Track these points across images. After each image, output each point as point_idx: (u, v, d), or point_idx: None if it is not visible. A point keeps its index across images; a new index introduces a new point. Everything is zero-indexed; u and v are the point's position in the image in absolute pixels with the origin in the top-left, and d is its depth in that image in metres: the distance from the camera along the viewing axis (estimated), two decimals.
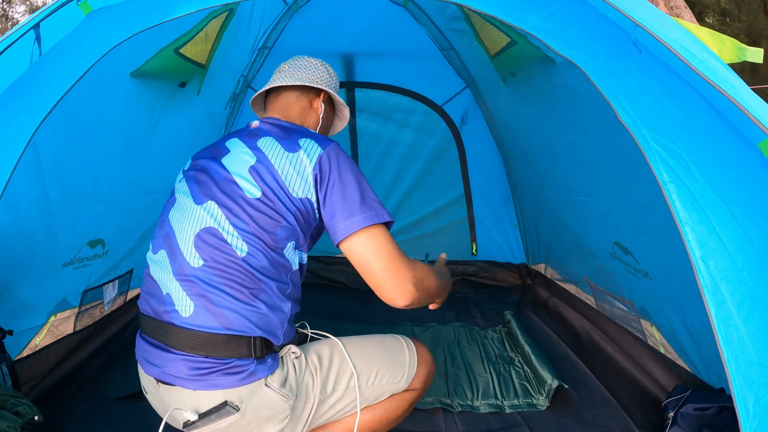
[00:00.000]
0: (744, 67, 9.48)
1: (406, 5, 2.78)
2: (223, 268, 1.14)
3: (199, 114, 2.43)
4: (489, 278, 3.17)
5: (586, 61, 1.25)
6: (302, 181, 1.20)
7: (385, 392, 1.33)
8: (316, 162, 1.21)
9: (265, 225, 1.17)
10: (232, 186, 1.21)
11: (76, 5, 1.15)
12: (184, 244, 1.18)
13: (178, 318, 1.14)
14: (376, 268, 1.16)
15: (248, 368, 1.13)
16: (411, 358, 1.37)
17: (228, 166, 1.24)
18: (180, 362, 1.13)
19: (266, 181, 1.19)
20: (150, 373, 1.18)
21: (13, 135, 1.28)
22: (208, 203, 1.20)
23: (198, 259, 1.16)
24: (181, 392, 1.14)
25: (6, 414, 1.14)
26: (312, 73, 1.48)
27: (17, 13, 16.25)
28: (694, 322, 1.62)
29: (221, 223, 1.17)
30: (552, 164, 2.31)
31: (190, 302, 1.14)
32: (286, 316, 1.20)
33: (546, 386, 1.79)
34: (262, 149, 1.25)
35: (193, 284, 1.15)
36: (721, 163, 1.08)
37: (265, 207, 1.17)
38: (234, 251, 1.15)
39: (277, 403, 1.16)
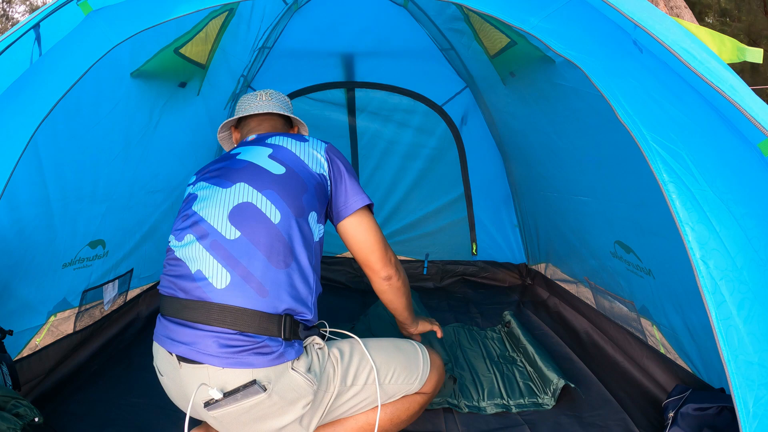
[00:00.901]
0: (744, 67, 9.48)
1: (406, 5, 2.78)
2: (260, 237, 1.21)
3: (199, 114, 2.43)
4: (489, 278, 3.17)
5: (586, 61, 1.25)
6: (317, 161, 1.37)
7: (399, 392, 1.38)
8: (325, 150, 1.40)
9: (292, 192, 1.28)
10: (257, 169, 1.31)
11: (76, 5, 1.15)
12: (217, 221, 1.24)
13: (212, 291, 1.17)
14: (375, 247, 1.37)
15: (278, 349, 1.16)
16: (424, 362, 1.43)
17: (247, 158, 1.36)
18: (210, 338, 1.14)
19: (287, 161, 1.33)
20: (174, 351, 1.18)
21: (14, 135, 1.28)
22: (237, 185, 1.29)
23: (235, 231, 1.22)
24: (207, 370, 1.14)
25: (6, 416, 1.14)
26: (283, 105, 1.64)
27: (17, 13, 16.25)
28: (694, 322, 1.62)
29: (253, 197, 1.26)
30: (552, 164, 2.31)
31: (225, 273, 1.18)
32: (313, 289, 1.27)
33: (552, 386, 1.79)
34: (275, 143, 1.40)
35: (229, 255, 1.19)
36: (721, 163, 1.08)
37: (290, 179, 1.30)
38: (269, 219, 1.23)
39: (303, 387, 1.20)
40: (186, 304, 1.19)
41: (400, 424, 1.41)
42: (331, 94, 3.08)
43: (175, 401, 1.31)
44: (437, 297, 2.91)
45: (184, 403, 1.25)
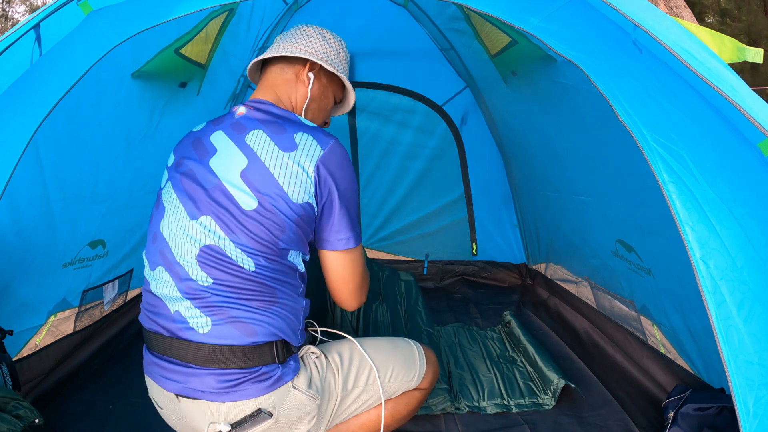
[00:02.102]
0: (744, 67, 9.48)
1: (406, 5, 2.78)
2: (235, 284, 1.11)
3: (200, 114, 2.42)
4: (489, 278, 3.17)
5: (586, 61, 1.25)
6: (300, 184, 1.12)
7: (399, 389, 1.38)
8: (316, 165, 1.14)
9: (267, 238, 1.11)
10: (224, 197, 1.12)
11: (77, 5, 1.15)
12: (186, 262, 1.13)
13: (195, 335, 1.11)
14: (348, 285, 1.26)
15: (275, 373, 1.13)
16: (420, 358, 1.43)
17: (217, 172, 1.15)
18: (207, 377, 1.10)
19: (261, 190, 1.11)
20: (170, 390, 1.14)
21: (14, 135, 1.28)
22: (204, 218, 1.13)
23: (206, 277, 1.11)
24: (209, 405, 1.11)
25: (7, 417, 1.14)
26: (299, 42, 1.31)
27: (17, 13, 16.25)
28: (694, 322, 1.62)
29: (222, 240, 1.11)
30: (553, 163, 2.31)
31: (206, 319, 1.11)
32: (301, 315, 1.22)
33: (552, 386, 1.79)
34: (252, 147, 1.14)
35: (206, 301, 1.11)
36: (721, 163, 1.08)
37: (264, 219, 1.11)
38: (242, 267, 1.11)
39: (306, 404, 1.18)
40: (172, 343, 1.13)
41: (400, 420, 1.42)
42: None
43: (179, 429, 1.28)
44: (437, 297, 2.91)
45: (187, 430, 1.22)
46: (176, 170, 1.24)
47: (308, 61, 1.31)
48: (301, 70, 1.31)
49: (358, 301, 1.30)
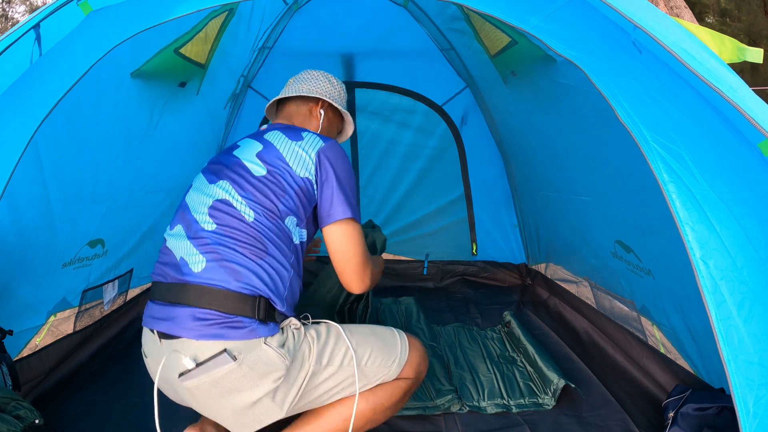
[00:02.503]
0: (744, 67, 9.48)
1: (406, 5, 2.78)
2: (233, 230, 1.27)
3: (199, 114, 2.43)
4: (489, 278, 3.17)
5: (586, 61, 1.25)
6: (304, 163, 1.35)
7: (377, 375, 1.37)
8: (317, 151, 1.37)
9: (270, 196, 1.30)
10: (241, 168, 1.36)
11: (76, 5, 1.15)
12: (198, 213, 1.32)
13: (189, 273, 1.24)
14: (351, 258, 1.38)
15: (250, 326, 1.20)
16: (402, 346, 1.43)
17: (238, 155, 1.40)
18: (187, 315, 1.20)
19: (271, 162, 1.35)
20: (156, 328, 1.24)
21: (14, 135, 1.28)
22: (221, 182, 1.35)
23: (211, 223, 1.29)
24: (182, 343, 1.19)
25: (7, 417, 1.14)
26: (311, 84, 1.61)
27: (17, 13, 16.25)
28: (694, 322, 1.63)
29: (232, 195, 1.31)
30: (553, 163, 2.32)
31: (201, 258, 1.25)
32: (287, 282, 1.30)
33: (552, 386, 1.79)
34: (269, 139, 1.41)
35: (205, 243, 1.26)
36: (721, 162, 1.08)
37: (270, 183, 1.32)
38: (243, 216, 1.28)
39: (274, 361, 1.21)
40: (169, 287, 1.27)
41: (384, 412, 1.40)
42: None
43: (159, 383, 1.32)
44: (437, 297, 2.91)
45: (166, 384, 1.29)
46: (208, 164, 1.48)
47: (320, 100, 1.60)
48: (314, 107, 1.60)
49: (363, 282, 1.41)
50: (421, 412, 1.72)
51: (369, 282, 1.42)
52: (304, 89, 1.59)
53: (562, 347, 2.24)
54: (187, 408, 1.71)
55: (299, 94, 1.57)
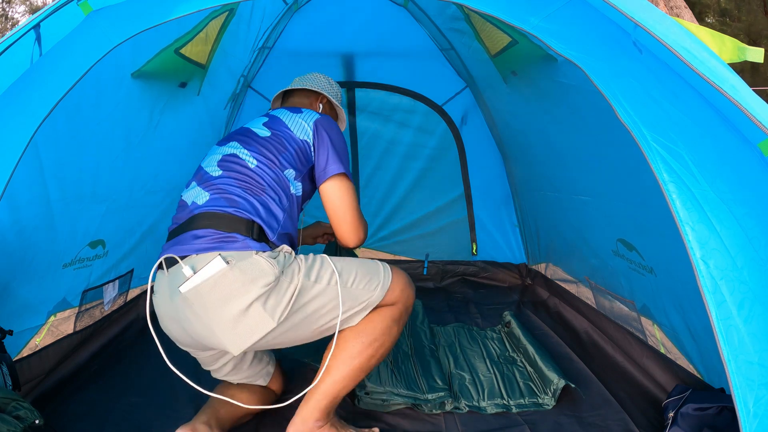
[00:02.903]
0: (744, 67, 9.49)
1: (406, 5, 2.78)
2: (236, 174, 1.47)
3: (200, 114, 2.43)
4: (489, 278, 3.17)
5: (586, 61, 1.25)
6: (303, 129, 1.59)
7: (362, 296, 1.44)
8: (314, 122, 1.62)
9: (272, 150, 1.52)
10: (248, 132, 1.61)
11: (77, 5, 1.15)
12: (208, 167, 1.53)
13: (195, 207, 1.43)
14: (341, 213, 1.55)
15: (244, 242, 1.34)
16: (385, 272, 1.51)
17: (246, 125, 1.66)
18: (189, 236, 1.36)
19: (274, 127, 1.60)
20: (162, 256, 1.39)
21: (14, 135, 1.27)
22: (231, 142, 1.58)
23: (218, 171, 1.50)
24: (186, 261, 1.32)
25: (7, 418, 1.14)
26: (313, 82, 1.90)
27: (17, 13, 16.25)
28: (694, 322, 1.63)
29: (239, 149, 1.53)
30: (553, 163, 2.32)
31: (206, 194, 1.44)
32: (281, 221, 1.45)
33: (552, 386, 1.79)
34: (273, 113, 1.67)
35: (210, 183, 1.47)
36: (721, 162, 1.08)
37: (273, 140, 1.55)
38: (246, 164, 1.49)
39: (263, 267, 1.30)
40: (179, 227, 1.43)
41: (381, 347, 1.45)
42: None
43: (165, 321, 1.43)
44: (437, 297, 2.91)
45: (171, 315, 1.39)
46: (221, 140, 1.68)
47: (320, 94, 1.89)
48: (315, 100, 1.89)
49: (357, 235, 1.58)
50: (412, 401, 1.73)
51: (363, 236, 1.60)
52: (308, 85, 1.88)
53: (562, 347, 2.24)
54: (186, 408, 1.72)
55: (304, 87, 1.87)
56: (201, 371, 1.92)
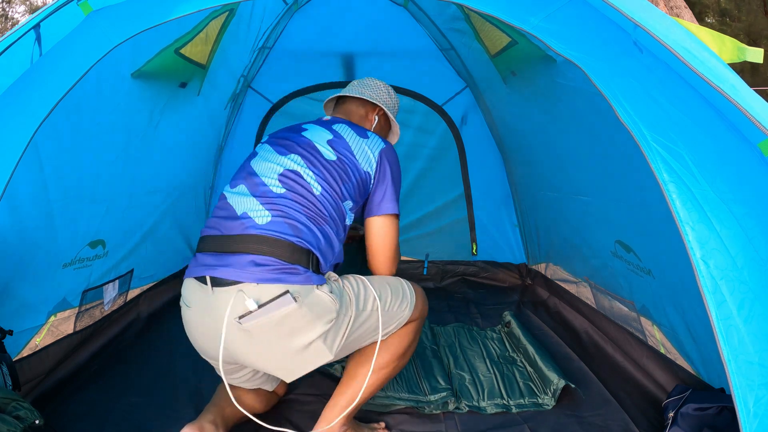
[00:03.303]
0: (744, 67, 9.48)
1: (406, 5, 2.78)
2: (300, 197, 1.40)
3: (200, 114, 2.43)
4: (489, 278, 3.17)
5: (586, 61, 1.25)
6: (367, 159, 1.54)
7: (395, 318, 1.52)
8: (379, 152, 1.57)
9: (336, 179, 1.46)
10: (313, 149, 1.51)
11: (77, 5, 1.15)
12: (268, 178, 1.44)
13: (253, 225, 1.33)
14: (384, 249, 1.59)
15: (305, 274, 1.30)
16: (409, 290, 1.60)
17: (309, 137, 1.55)
18: (248, 262, 1.28)
19: (340, 151, 1.51)
20: (209, 273, 1.29)
21: (14, 135, 1.27)
22: (292, 155, 1.49)
23: (281, 188, 1.41)
24: (243, 288, 1.25)
25: (7, 418, 1.14)
26: (373, 91, 1.81)
27: (17, 13, 16.25)
28: (694, 322, 1.62)
29: (303, 168, 1.45)
30: (553, 163, 2.32)
31: (267, 213, 1.36)
32: (335, 251, 1.44)
33: (552, 386, 1.79)
34: (338, 131, 1.58)
35: (274, 203, 1.38)
36: (721, 162, 1.08)
37: (338, 167, 1.48)
38: (311, 189, 1.42)
39: (327, 303, 1.31)
40: (226, 239, 1.34)
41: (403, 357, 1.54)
42: (332, 94, 3.05)
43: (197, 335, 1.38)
44: (437, 297, 2.91)
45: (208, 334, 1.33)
46: (271, 137, 1.61)
47: (378, 106, 1.81)
48: (371, 112, 1.81)
49: (390, 270, 1.62)
50: (414, 405, 1.73)
51: (395, 269, 1.63)
52: (367, 94, 1.79)
53: (562, 347, 2.24)
54: (186, 408, 1.72)
55: (363, 97, 1.77)
56: (201, 371, 1.93)
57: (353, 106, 1.80)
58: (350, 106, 1.80)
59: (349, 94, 1.79)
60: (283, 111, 3.08)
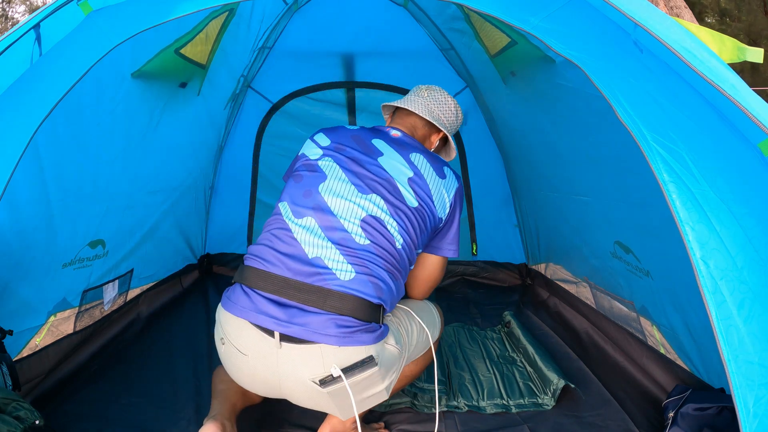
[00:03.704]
0: (744, 67, 9.48)
1: (406, 5, 2.78)
2: (383, 251, 1.34)
3: (200, 114, 2.43)
4: (489, 278, 3.17)
5: (586, 61, 1.25)
6: (442, 204, 1.50)
7: (431, 341, 1.57)
8: (454, 194, 1.53)
9: (416, 230, 1.42)
10: (395, 190, 1.42)
11: (76, 5, 1.15)
12: (348, 223, 1.34)
13: (334, 281, 1.26)
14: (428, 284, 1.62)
15: (378, 329, 1.28)
16: (437, 313, 1.67)
17: (388, 170, 1.45)
18: (328, 321, 1.22)
19: (421, 197, 1.45)
20: (283, 331, 1.21)
21: (14, 135, 1.27)
22: (373, 196, 1.39)
23: (364, 238, 1.33)
24: (321, 349, 1.21)
25: (7, 419, 1.14)
26: (443, 113, 1.69)
27: (17, 13, 16.25)
28: (694, 322, 1.62)
29: (387, 216, 1.38)
30: (553, 163, 2.31)
31: (350, 268, 1.28)
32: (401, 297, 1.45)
33: (552, 386, 1.79)
34: (416, 165, 1.49)
35: (357, 257, 1.30)
36: (721, 162, 1.08)
37: (419, 216, 1.43)
38: (393, 241, 1.37)
39: (396, 356, 1.35)
40: (298, 287, 1.25)
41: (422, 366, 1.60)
42: (332, 94, 3.08)
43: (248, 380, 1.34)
44: (437, 297, 2.91)
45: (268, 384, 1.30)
46: (338, 152, 1.48)
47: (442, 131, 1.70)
48: (435, 135, 1.71)
49: (424, 296, 1.66)
50: (410, 403, 1.74)
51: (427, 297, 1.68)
52: (436, 114, 1.67)
53: (562, 347, 2.24)
54: (186, 408, 1.72)
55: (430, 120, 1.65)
56: (200, 371, 1.93)
57: (419, 123, 1.68)
58: (416, 122, 1.67)
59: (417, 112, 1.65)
60: (283, 111, 3.08)
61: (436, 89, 1.71)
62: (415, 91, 1.71)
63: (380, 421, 1.65)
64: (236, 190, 3.16)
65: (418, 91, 1.71)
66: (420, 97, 1.68)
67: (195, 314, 2.54)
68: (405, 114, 1.69)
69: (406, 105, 1.66)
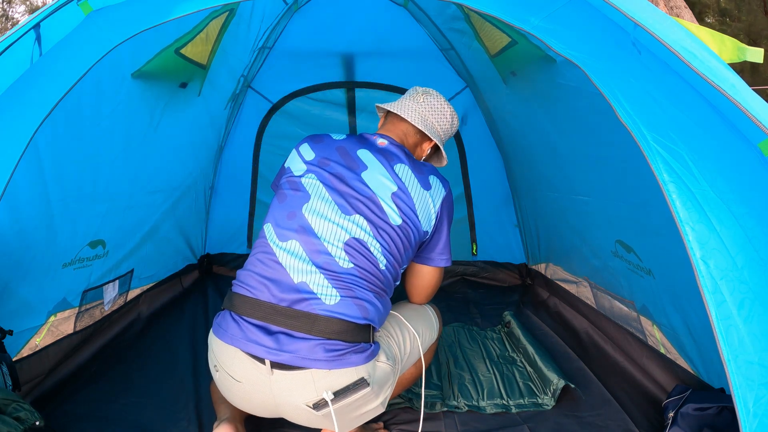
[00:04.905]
0: (744, 67, 9.48)
1: (406, 5, 2.78)
2: (367, 274, 1.33)
3: (200, 114, 2.43)
4: (489, 278, 3.17)
5: (586, 61, 1.25)
6: (428, 216, 1.46)
7: (427, 345, 1.60)
8: (440, 205, 1.49)
9: (400, 248, 1.41)
10: (379, 208, 1.40)
11: (77, 5, 1.15)
12: (332, 246, 1.33)
13: (320, 305, 1.26)
14: (427, 292, 1.63)
15: (369, 348, 1.29)
16: (434, 317, 1.67)
17: (371, 186, 1.42)
18: (317, 346, 1.22)
19: (405, 212, 1.42)
20: (273, 359, 1.21)
21: (14, 135, 1.28)
22: (356, 216, 1.37)
23: (348, 262, 1.32)
24: (312, 374, 1.22)
25: (7, 419, 1.14)
26: (438, 120, 1.63)
27: (17, 13, 16.25)
28: (694, 322, 1.62)
29: (370, 238, 1.36)
30: (553, 163, 2.31)
31: (335, 292, 1.28)
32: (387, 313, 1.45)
33: (552, 386, 1.79)
34: (401, 178, 1.46)
35: (341, 280, 1.30)
36: (721, 162, 1.08)
37: (403, 234, 1.41)
38: (377, 263, 1.36)
39: (389, 373, 1.36)
40: (286, 313, 1.25)
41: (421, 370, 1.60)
42: (331, 94, 3.08)
43: (244, 404, 1.35)
44: (437, 297, 2.89)
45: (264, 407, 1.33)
46: (322, 167, 1.46)
47: (433, 141, 1.63)
48: (426, 143, 1.66)
49: (426, 302, 1.68)
50: (410, 406, 1.74)
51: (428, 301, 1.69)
52: (430, 122, 1.60)
53: (562, 347, 2.24)
54: (186, 408, 1.71)
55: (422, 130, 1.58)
56: (200, 371, 1.93)
57: (410, 131, 1.62)
58: (408, 129, 1.62)
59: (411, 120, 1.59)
60: (283, 111, 3.08)
61: (432, 94, 1.64)
62: (411, 95, 1.64)
63: (379, 421, 1.65)
64: (236, 190, 3.16)
65: (414, 95, 1.64)
66: (415, 102, 1.62)
67: (195, 314, 2.54)
68: (398, 120, 1.63)
69: (400, 111, 1.60)
